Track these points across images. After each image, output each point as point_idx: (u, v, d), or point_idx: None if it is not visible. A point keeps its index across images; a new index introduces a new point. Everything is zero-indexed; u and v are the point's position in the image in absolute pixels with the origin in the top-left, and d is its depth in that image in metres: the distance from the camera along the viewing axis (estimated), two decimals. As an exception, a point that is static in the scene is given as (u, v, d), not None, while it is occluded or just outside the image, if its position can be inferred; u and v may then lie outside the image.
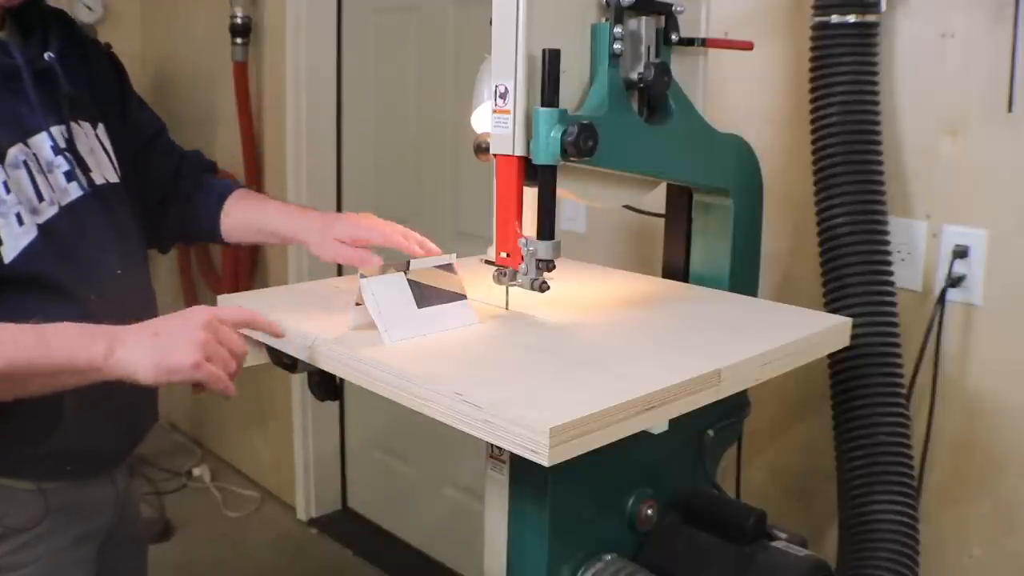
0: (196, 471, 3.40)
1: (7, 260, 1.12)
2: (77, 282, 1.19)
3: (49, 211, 1.18)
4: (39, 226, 1.16)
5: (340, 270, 3.04)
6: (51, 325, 1.03)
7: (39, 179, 1.17)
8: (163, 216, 1.46)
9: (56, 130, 1.21)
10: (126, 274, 1.28)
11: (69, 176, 1.21)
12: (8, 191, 1.13)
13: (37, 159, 1.18)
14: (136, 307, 1.22)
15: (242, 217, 1.46)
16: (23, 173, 1.15)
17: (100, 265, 1.24)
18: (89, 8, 3.33)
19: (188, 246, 3.28)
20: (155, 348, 1.02)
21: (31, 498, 1.20)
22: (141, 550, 1.49)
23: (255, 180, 3.10)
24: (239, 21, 2.95)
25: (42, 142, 1.18)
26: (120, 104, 1.40)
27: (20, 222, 1.14)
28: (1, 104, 1.16)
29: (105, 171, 1.29)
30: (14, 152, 1.15)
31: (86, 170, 1.24)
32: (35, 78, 1.19)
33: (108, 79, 1.39)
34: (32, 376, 1.02)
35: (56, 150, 1.20)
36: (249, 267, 3.17)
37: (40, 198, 1.17)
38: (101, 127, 1.31)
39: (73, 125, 1.24)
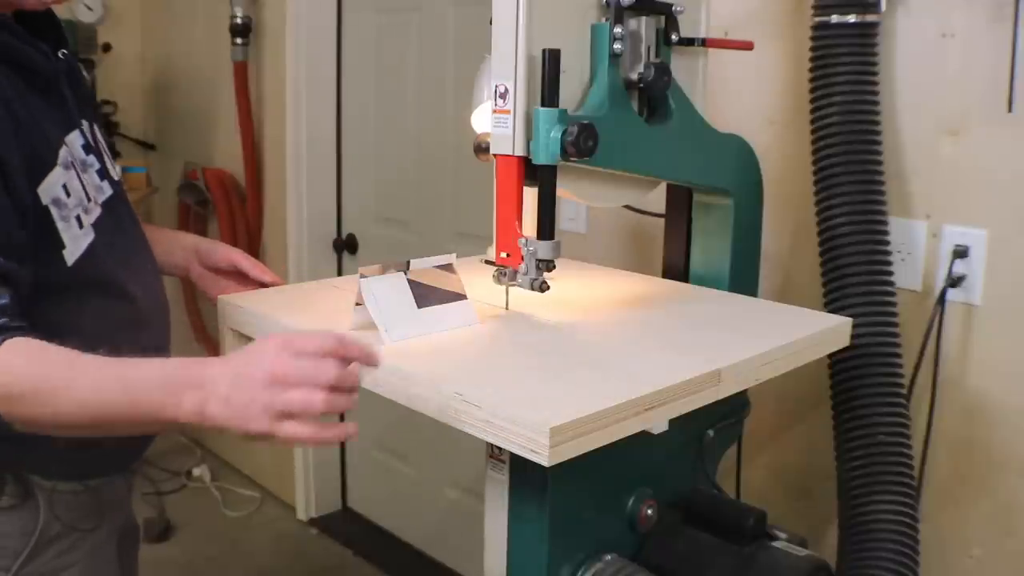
0: (196, 471, 3.40)
1: (70, 263, 1.11)
2: (127, 281, 1.19)
3: (95, 211, 1.17)
4: (92, 226, 1.15)
5: (340, 270, 3.04)
6: (133, 367, 0.96)
7: (84, 179, 1.16)
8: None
9: (85, 128, 1.21)
10: (153, 268, 1.30)
11: (101, 174, 1.21)
12: (68, 194, 1.12)
13: (74, 158, 1.17)
14: (164, 303, 1.27)
15: None
16: (73, 173, 1.14)
17: (139, 263, 1.25)
18: (89, 8, 3.33)
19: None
20: (234, 414, 0.92)
21: (81, 496, 1.21)
22: (136, 546, 1.49)
23: (255, 180, 3.10)
24: (239, 21, 2.95)
25: (75, 141, 1.18)
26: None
27: (80, 224, 1.13)
28: (48, 105, 1.14)
29: (112, 168, 1.29)
30: (63, 153, 1.14)
31: (106, 167, 1.24)
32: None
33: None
34: (113, 425, 0.98)
35: (87, 148, 1.20)
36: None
37: (88, 198, 1.16)
38: (95, 124, 1.30)
39: (92, 123, 1.25)
